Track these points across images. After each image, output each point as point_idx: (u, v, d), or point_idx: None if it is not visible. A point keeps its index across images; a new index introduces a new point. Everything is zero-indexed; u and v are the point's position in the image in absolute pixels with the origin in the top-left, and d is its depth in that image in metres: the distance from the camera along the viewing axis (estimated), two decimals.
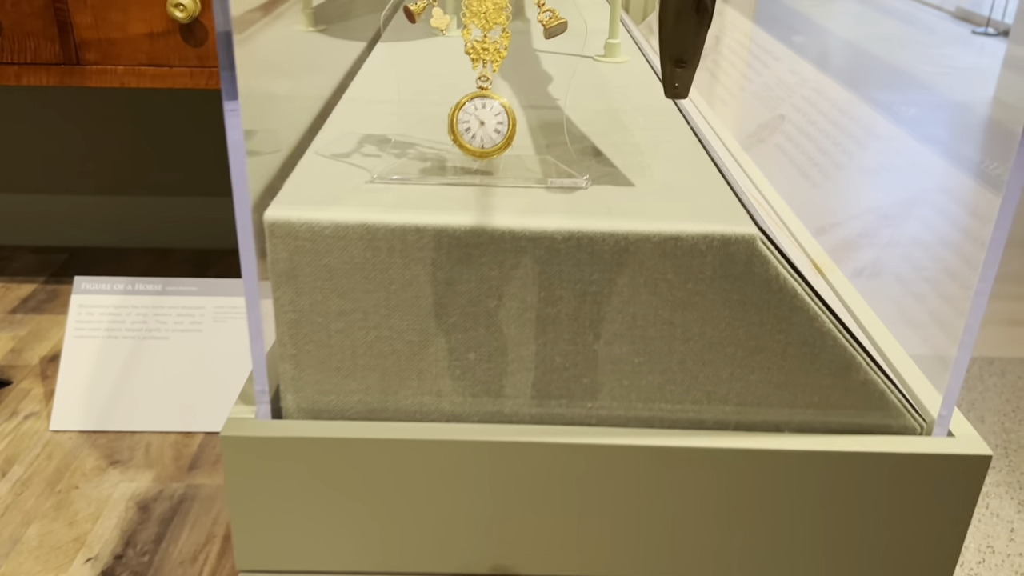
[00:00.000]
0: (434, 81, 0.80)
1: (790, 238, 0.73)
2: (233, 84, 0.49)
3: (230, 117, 0.50)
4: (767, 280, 0.53)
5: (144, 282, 1.39)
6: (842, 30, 1.50)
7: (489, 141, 0.57)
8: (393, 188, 0.57)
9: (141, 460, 1.26)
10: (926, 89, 0.97)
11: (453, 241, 0.53)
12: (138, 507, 1.15)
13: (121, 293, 1.38)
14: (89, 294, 1.39)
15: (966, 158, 0.76)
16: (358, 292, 0.54)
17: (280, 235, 0.52)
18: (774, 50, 1.29)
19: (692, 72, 0.56)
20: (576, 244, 0.53)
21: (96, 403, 1.32)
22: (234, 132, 0.50)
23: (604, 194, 0.57)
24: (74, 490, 1.20)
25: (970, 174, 0.70)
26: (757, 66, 1.34)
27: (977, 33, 1.82)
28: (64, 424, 1.30)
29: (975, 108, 0.87)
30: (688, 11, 0.54)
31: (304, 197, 0.54)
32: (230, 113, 0.49)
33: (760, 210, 0.57)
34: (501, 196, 0.56)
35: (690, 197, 0.57)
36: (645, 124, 0.71)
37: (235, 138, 0.50)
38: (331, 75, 0.86)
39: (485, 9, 0.57)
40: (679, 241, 0.52)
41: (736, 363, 0.56)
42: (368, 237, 0.52)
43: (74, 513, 1.14)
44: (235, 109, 0.49)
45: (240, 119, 0.50)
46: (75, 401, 1.31)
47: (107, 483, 1.21)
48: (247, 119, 0.60)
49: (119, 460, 1.25)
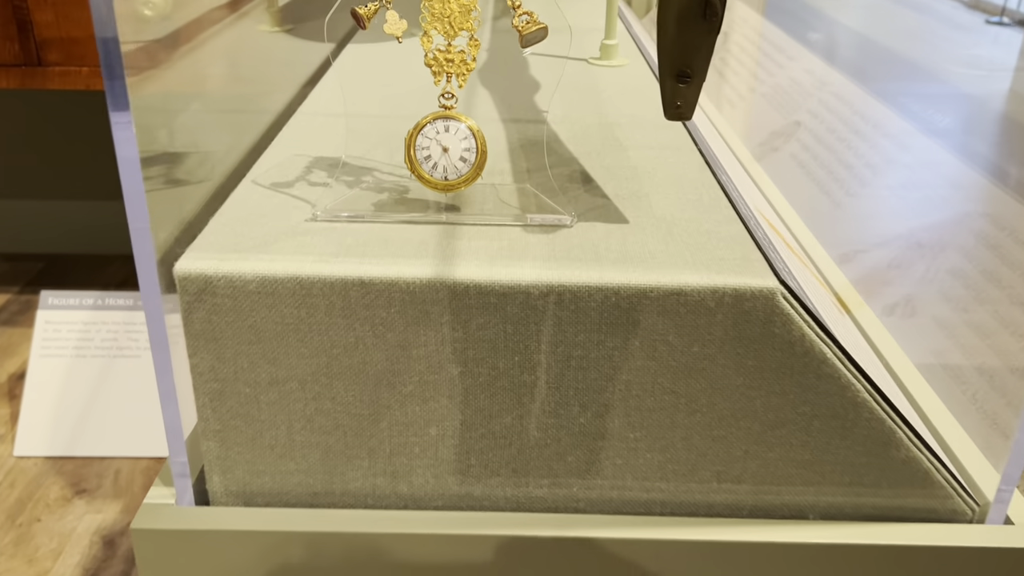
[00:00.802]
0: (408, 92, 0.70)
1: (813, 273, 0.63)
2: (123, 94, 0.40)
3: (120, 130, 0.40)
4: (790, 342, 0.43)
5: (115, 296, 1.30)
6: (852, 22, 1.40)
7: (454, 171, 0.48)
8: (338, 228, 0.47)
9: (109, 489, 1.17)
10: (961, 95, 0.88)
11: (407, 297, 0.43)
12: (103, 542, 1.07)
13: (90, 308, 1.29)
14: (56, 310, 1.30)
15: (1012, 176, 0.66)
16: (292, 358, 0.44)
17: (194, 291, 0.43)
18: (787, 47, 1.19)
19: (698, 89, 0.46)
20: (557, 300, 0.43)
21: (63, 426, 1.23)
22: (126, 147, 0.41)
23: (592, 234, 0.47)
24: (36, 523, 1.12)
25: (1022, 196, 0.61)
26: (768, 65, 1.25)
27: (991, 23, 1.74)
28: (29, 449, 1.21)
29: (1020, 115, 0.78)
30: (693, 14, 0.44)
31: (227, 242, 0.45)
32: (120, 126, 0.40)
33: (782, 252, 0.47)
34: (468, 238, 0.47)
35: (696, 238, 0.47)
36: (643, 141, 0.62)
37: (128, 155, 0.41)
38: (291, 83, 0.76)
39: (449, 12, 0.47)
40: (683, 296, 0.43)
41: (752, 439, 0.46)
42: (302, 293, 0.43)
43: (34, 549, 1.06)
44: (126, 121, 0.40)
45: (133, 132, 0.40)
46: (41, 424, 1.23)
47: (71, 515, 1.12)
48: (176, 141, 0.51)
49: (86, 489, 1.16)
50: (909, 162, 0.79)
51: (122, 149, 0.41)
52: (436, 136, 0.47)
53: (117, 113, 0.40)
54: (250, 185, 0.52)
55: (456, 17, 0.47)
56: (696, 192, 0.53)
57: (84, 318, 1.30)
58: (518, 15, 0.47)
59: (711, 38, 0.45)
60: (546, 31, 0.47)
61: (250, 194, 0.51)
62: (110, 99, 0.40)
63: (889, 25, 1.35)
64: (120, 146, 0.41)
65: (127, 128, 0.40)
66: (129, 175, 0.41)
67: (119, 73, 0.40)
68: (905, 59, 1.15)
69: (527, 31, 0.47)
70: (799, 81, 1.07)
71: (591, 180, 0.55)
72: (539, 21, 0.47)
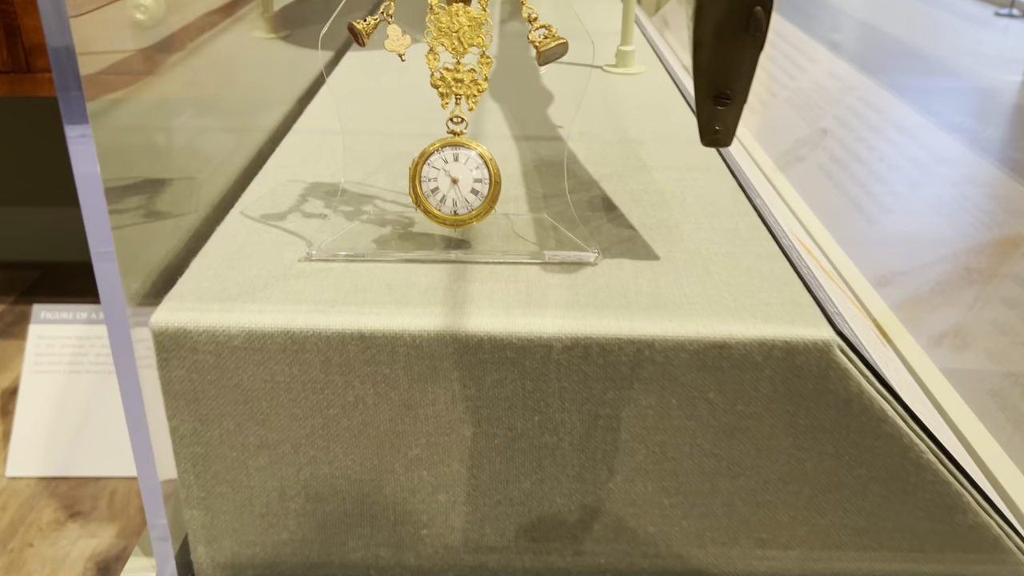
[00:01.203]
0: (412, 106, 0.65)
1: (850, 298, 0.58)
2: (80, 105, 0.35)
3: (77, 144, 0.36)
4: (846, 400, 0.38)
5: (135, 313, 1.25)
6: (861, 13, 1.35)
7: (464, 205, 0.43)
8: (335, 270, 0.42)
9: (104, 511, 1.13)
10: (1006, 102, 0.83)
11: (413, 352, 0.38)
12: (98, 569, 1.03)
13: (85, 323, 1.25)
14: (49, 324, 1.26)
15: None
16: (284, 419, 0.39)
17: (172, 348, 0.38)
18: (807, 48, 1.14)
19: (738, 111, 0.41)
20: (583, 354, 0.38)
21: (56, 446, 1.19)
22: (85, 163, 0.36)
23: (620, 274, 0.42)
24: (28, 548, 1.08)
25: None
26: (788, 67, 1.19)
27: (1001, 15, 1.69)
28: (21, 470, 1.17)
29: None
30: (733, 28, 0.39)
31: (210, 287, 0.40)
32: (77, 140, 0.36)
33: (830, 291, 0.42)
34: (481, 280, 0.41)
35: (737, 278, 0.42)
36: (669, 161, 0.57)
37: (86, 171, 0.36)
38: (285, 96, 0.71)
39: (458, 26, 0.42)
40: (727, 349, 0.38)
41: (801, 504, 0.41)
42: (294, 348, 0.38)
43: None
44: (83, 134, 0.36)
45: (92, 146, 0.36)
46: (33, 444, 1.18)
47: (65, 539, 1.08)
48: (156, 165, 0.46)
49: (80, 511, 1.12)
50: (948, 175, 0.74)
51: (80, 165, 0.36)
52: (444, 166, 0.42)
53: (73, 127, 0.35)
54: (238, 217, 0.47)
55: (465, 32, 0.42)
56: (732, 221, 0.48)
57: (78, 332, 1.26)
58: (535, 28, 0.42)
59: (754, 54, 0.39)
60: (566, 47, 0.42)
61: (238, 228, 0.46)
62: (65, 112, 0.35)
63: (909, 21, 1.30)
64: (78, 162, 0.36)
65: (85, 142, 0.36)
66: (89, 194, 0.36)
67: (75, 84, 0.35)
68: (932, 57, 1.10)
69: (545, 47, 0.42)
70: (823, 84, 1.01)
71: (614, 208, 0.50)
72: (558, 35, 0.42)
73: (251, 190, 0.51)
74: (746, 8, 0.38)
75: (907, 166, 0.83)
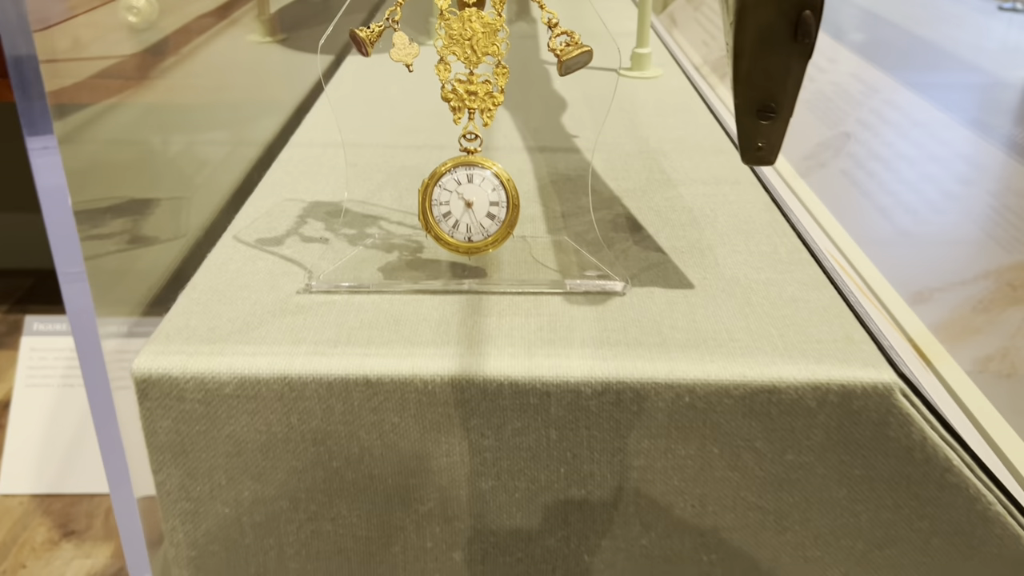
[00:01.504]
0: (418, 115, 0.61)
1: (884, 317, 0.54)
2: (44, 115, 0.31)
3: (40, 157, 0.32)
4: (908, 448, 0.34)
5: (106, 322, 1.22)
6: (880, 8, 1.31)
7: (479, 231, 0.39)
8: (338, 303, 0.38)
9: (100, 530, 1.09)
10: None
11: (424, 399, 0.34)
12: None
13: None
14: (42, 336, 1.22)
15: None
16: (282, 472, 0.35)
17: (156, 396, 0.34)
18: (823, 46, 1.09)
19: (784, 126, 0.37)
20: (615, 400, 0.34)
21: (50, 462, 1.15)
22: (49, 176, 0.33)
23: (652, 305, 0.38)
24: (21, 570, 1.04)
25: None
26: None
27: (1004, 9, 1.66)
28: (14, 487, 1.13)
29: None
30: (779, 36, 0.35)
31: (198, 326, 0.36)
32: (40, 152, 0.32)
33: (882, 325, 0.38)
34: (499, 313, 0.37)
35: (782, 310, 0.38)
36: (695, 173, 0.53)
37: (51, 184, 0.33)
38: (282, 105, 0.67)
39: (471, 33, 0.38)
40: (776, 394, 0.34)
41: (854, 560, 0.37)
42: (293, 396, 0.34)
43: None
44: (47, 146, 0.32)
45: (58, 158, 0.32)
46: (26, 459, 1.15)
47: (59, 560, 1.04)
48: (137, 185, 0.42)
49: (74, 530, 1.08)
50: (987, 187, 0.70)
51: (44, 178, 0.33)
52: (457, 188, 0.38)
53: (35, 138, 0.32)
54: (231, 243, 0.43)
55: (479, 39, 0.38)
56: (769, 242, 0.44)
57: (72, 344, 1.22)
58: (555, 35, 0.38)
59: (802, 63, 0.35)
60: (590, 55, 0.38)
61: (231, 255, 0.42)
62: (25, 122, 0.32)
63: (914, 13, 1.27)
64: (41, 175, 0.33)
65: (49, 154, 0.32)
66: (54, 209, 0.33)
67: (38, 92, 0.32)
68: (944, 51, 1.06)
69: (568, 56, 0.38)
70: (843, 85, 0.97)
71: (640, 228, 0.46)
72: (581, 43, 0.38)
73: (245, 211, 0.47)
74: (794, 13, 0.34)
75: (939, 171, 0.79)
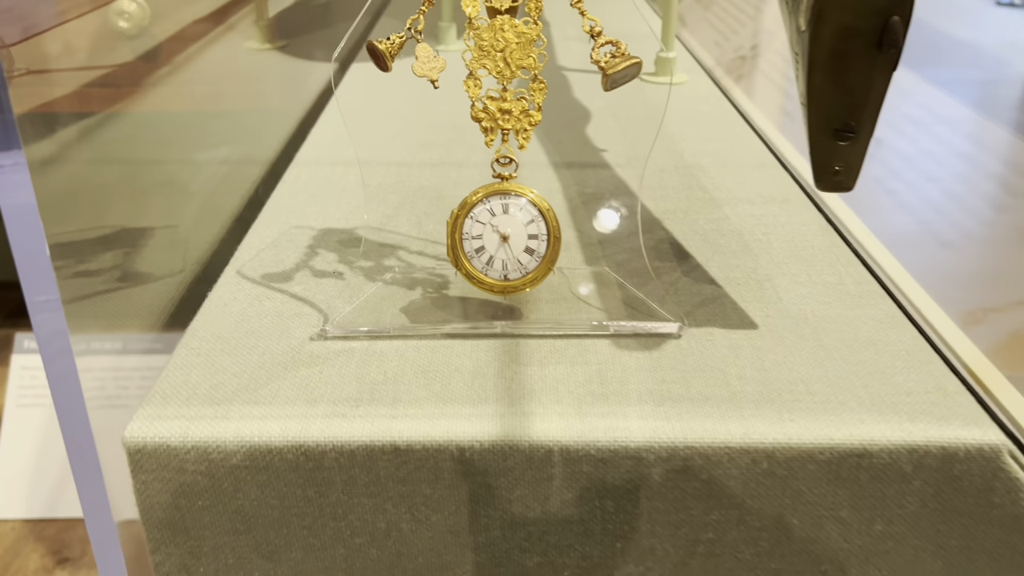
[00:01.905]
0: (433, 127, 0.56)
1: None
2: (11, 131, 0.28)
3: (8, 174, 0.29)
4: (1015, 516, 0.30)
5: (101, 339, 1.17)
6: None
7: (516, 268, 0.34)
8: (357, 350, 0.33)
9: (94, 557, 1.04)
10: None
11: (461, 467, 0.30)
12: None
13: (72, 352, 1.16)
14: (34, 354, 1.17)
15: None
16: (297, 551, 0.31)
17: (153, 468, 0.29)
18: None
19: (864, 148, 0.32)
20: (682, 467, 0.30)
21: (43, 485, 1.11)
22: (16, 194, 0.29)
23: (713, 350, 0.34)
24: None
25: None
26: None
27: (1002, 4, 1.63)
28: (6, 511, 1.09)
29: None
30: (863, 44, 0.30)
31: (199, 385, 0.31)
32: (8, 169, 0.28)
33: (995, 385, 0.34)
34: (540, 361, 0.33)
35: (860, 354, 0.33)
36: (738, 191, 0.48)
37: (18, 203, 0.29)
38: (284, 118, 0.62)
39: (503, 44, 0.33)
40: (867, 458, 0.29)
41: None
42: (310, 466, 0.29)
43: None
44: (16, 162, 0.28)
45: (26, 175, 0.29)
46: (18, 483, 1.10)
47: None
48: (134, 209, 0.38)
49: (68, 557, 1.04)
50: None
51: (10, 196, 0.29)
52: (491, 219, 0.34)
53: (3, 154, 0.28)
54: (234, 279, 0.39)
55: (513, 51, 0.33)
56: (832, 271, 0.40)
57: None
58: (599, 45, 0.34)
59: (886, 76, 0.31)
60: (639, 67, 0.34)
61: (234, 294, 0.37)
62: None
63: None
64: (6, 194, 0.29)
65: (17, 171, 0.28)
66: (22, 230, 0.29)
67: (5, 105, 0.27)
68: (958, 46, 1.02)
69: (614, 68, 0.33)
70: None
71: (687, 256, 0.41)
72: (628, 53, 0.34)
73: (248, 241, 0.42)
74: (881, 19, 0.30)
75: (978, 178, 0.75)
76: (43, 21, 0.86)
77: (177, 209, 0.45)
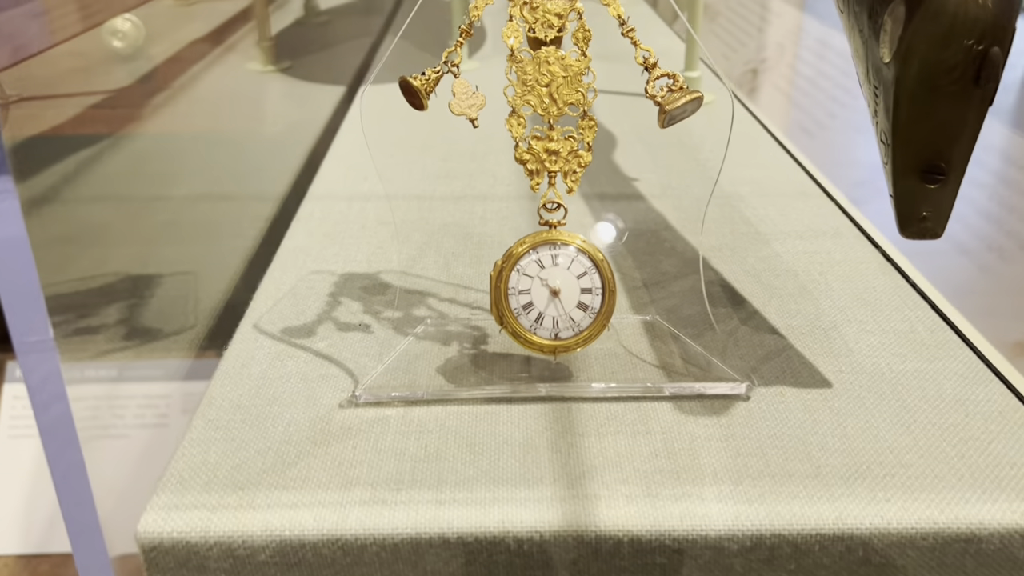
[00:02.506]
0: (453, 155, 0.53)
1: None
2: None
3: None
4: None
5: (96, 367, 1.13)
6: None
7: (568, 325, 0.31)
8: (391, 420, 0.30)
9: None
10: None
11: (519, 560, 0.26)
12: None
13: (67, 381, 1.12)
14: None
15: None
16: None
17: (170, 567, 0.26)
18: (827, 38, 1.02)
19: (955, 191, 0.29)
20: (768, 557, 0.26)
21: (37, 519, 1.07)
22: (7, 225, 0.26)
23: (787, 415, 0.30)
24: None
25: None
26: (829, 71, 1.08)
27: None
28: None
29: None
30: (957, 79, 0.27)
31: (218, 468, 0.28)
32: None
33: None
34: (597, 431, 0.30)
35: (950, 417, 0.30)
36: (785, 224, 0.45)
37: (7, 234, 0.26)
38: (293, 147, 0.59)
39: (549, 79, 0.30)
40: (973, 544, 0.26)
41: None
42: (347, 562, 0.26)
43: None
44: (5, 189, 0.25)
45: (16, 202, 0.26)
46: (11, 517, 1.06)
47: None
48: (130, 256, 0.35)
49: None
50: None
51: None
52: (539, 272, 0.30)
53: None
54: (251, 334, 0.35)
55: (560, 86, 0.30)
56: (902, 317, 0.36)
57: None
58: (654, 78, 0.31)
59: (981, 113, 0.28)
60: (700, 102, 0.31)
61: (252, 353, 0.34)
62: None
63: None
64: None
65: (5, 199, 0.26)
66: (10, 264, 0.26)
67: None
68: None
69: (672, 104, 0.30)
70: None
71: (742, 300, 0.38)
72: (687, 88, 0.30)
73: (264, 289, 0.39)
74: (979, 51, 0.27)
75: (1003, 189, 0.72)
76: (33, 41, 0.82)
77: (185, 252, 0.41)
